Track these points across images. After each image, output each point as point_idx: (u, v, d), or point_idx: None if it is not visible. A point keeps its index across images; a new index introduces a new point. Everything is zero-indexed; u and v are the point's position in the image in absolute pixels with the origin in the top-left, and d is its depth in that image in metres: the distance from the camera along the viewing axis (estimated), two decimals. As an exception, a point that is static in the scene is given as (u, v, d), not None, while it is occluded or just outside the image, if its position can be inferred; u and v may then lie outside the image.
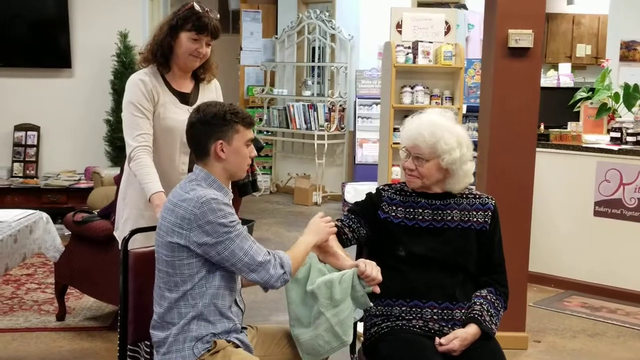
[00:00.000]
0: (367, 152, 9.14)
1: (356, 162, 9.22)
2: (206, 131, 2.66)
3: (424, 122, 2.89)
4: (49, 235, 4.11)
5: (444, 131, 2.85)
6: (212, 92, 3.52)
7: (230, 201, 2.73)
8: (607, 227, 5.74)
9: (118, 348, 3.53)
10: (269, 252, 2.61)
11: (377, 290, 2.72)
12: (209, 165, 2.67)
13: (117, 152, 7.65)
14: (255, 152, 2.75)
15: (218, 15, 3.37)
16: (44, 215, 4.10)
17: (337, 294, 2.67)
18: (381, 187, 3.07)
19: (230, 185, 2.76)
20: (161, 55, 3.32)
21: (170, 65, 3.36)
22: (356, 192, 8.73)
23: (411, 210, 2.94)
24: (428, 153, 2.86)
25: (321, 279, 2.72)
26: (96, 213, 4.86)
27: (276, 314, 5.12)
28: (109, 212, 4.64)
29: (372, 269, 2.71)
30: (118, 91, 7.61)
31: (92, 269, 4.70)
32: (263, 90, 10.29)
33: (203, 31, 3.27)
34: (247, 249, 2.55)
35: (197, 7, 3.28)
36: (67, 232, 5.05)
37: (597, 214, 5.78)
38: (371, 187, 8.63)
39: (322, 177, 9.50)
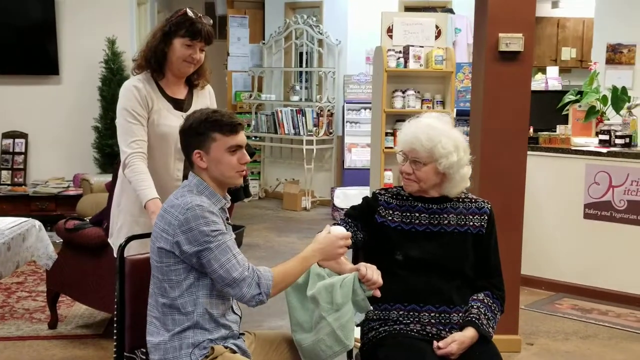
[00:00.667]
0: (356, 157, 9.16)
1: (345, 167, 9.23)
2: (186, 141, 2.68)
3: (421, 126, 2.90)
4: (41, 243, 4.09)
5: (441, 135, 2.86)
6: (205, 98, 3.52)
7: (225, 208, 2.73)
8: (597, 229, 5.78)
9: (114, 356, 3.53)
10: (249, 268, 2.54)
11: (378, 294, 2.72)
12: (197, 173, 2.67)
13: (106, 159, 7.62)
14: (247, 158, 2.70)
15: (211, 21, 3.37)
16: (37, 223, 4.08)
17: (339, 297, 2.67)
18: (377, 191, 3.07)
19: (225, 192, 2.74)
20: (155, 61, 3.32)
21: (164, 71, 3.36)
22: (345, 196, 8.74)
23: (408, 214, 2.94)
24: (425, 157, 2.87)
25: (322, 283, 2.72)
26: (88, 220, 4.84)
27: (269, 320, 5.11)
28: (100, 219, 4.62)
29: (373, 272, 2.72)
30: (106, 98, 7.60)
31: (85, 276, 4.68)
32: (251, 96, 10.29)
33: (196, 37, 3.27)
34: (223, 262, 2.51)
35: (190, 13, 3.29)
36: (58, 240, 5.02)
37: (586, 216, 5.81)
38: (361, 191, 8.70)
39: (311, 182, 9.51)
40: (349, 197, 8.72)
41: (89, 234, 4.63)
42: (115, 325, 3.47)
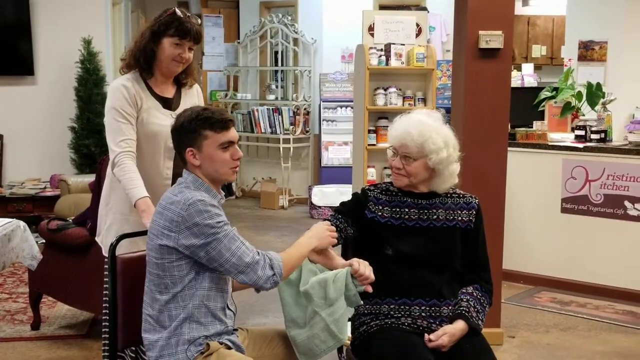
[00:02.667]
0: (333, 155, 9.19)
1: (322, 165, 9.26)
2: (178, 139, 2.71)
3: (412, 122, 2.94)
4: (26, 244, 4.08)
5: (432, 131, 2.90)
6: (193, 97, 3.54)
7: (221, 203, 2.75)
8: (574, 223, 5.86)
9: (106, 354, 3.53)
10: (259, 253, 2.60)
11: (370, 289, 2.76)
12: (191, 171, 2.69)
13: (83, 159, 7.57)
14: (240, 153, 2.72)
15: (199, 21, 3.39)
16: (21, 223, 4.06)
17: (332, 292, 2.69)
18: (367, 187, 3.11)
19: (219, 188, 2.77)
20: (144, 61, 3.32)
21: (152, 71, 3.36)
22: (323, 194, 8.78)
23: (397, 209, 2.98)
24: (416, 152, 2.91)
25: (315, 278, 2.75)
26: (71, 220, 4.82)
27: (253, 318, 5.14)
28: (84, 218, 4.61)
29: (366, 268, 2.75)
30: (82, 98, 7.55)
31: (68, 276, 4.67)
32: (226, 95, 10.28)
33: (186, 36, 3.28)
34: (234, 250, 2.55)
35: (178, 12, 3.30)
36: (41, 241, 4.99)
37: (564, 210, 5.90)
38: (338, 189, 8.72)
39: (288, 181, 9.53)
40: (327, 195, 8.77)
41: (72, 234, 4.60)
42: (105, 324, 3.49)
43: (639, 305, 5.50)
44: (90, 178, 6.10)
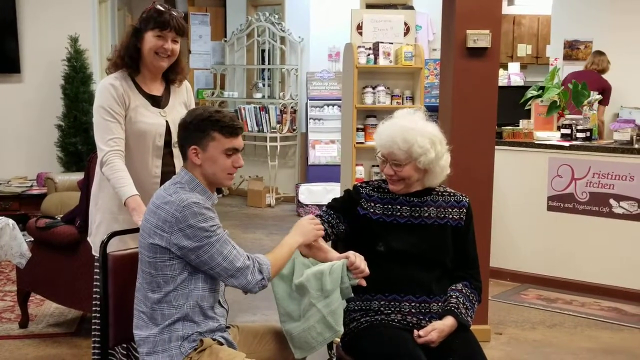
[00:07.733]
0: (320, 153, 9.21)
1: (309, 163, 9.27)
2: (185, 135, 2.69)
3: (395, 129, 2.94)
4: (15, 242, 4.08)
5: (416, 135, 2.91)
6: (182, 95, 3.53)
7: (213, 205, 2.77)
8: (560, 221, 5.91)
9: (93, 352, 3.54)
10: (249, 257, 2.62)
11: (363, 283, 2.78)
12: (190, 169, 2.70)
13: (70, 157, 7.56)
14: (241, 162, 2.72)
15: (182, 13, 3.38)
16: (10, 221, 4.06)
17: (328, 284, 2.71)
18: (359, 184, 3.13)
19: (214, 190, 2.78)
20: (129, 58, 3.32)
21: (139, 68, 3.36)
22: (310, 193, 8.80)
23: (389, 206, 3.01)
24: (404, 158, 2.92)
25: (310, 270, 2.77)
26: (59, 218, 4.81)
27: (241, 316, 5.14)
28: (73, 216, 4.60)
29: (362, 261, 2.78)
30: (69, 96, 7.53)
31: (57, 274, 4.66)
32: (213, 94, 10.27)
33: (166, 27, 3.26)
34: (226, 254, 2.57)
35: (158, 6, 3.30)
36: (29, 239, 4.98)
37: (550, 208, 5.94)
38: (325, 187, 8.72)
39: (275, 179, 9.54)
40: (314, 193, 8.79)
41: (61, 232, 4.59)
42: (95, 322, 3.50)
43: (624, 302, 5.56)
44: (78, 176, 6.09)
